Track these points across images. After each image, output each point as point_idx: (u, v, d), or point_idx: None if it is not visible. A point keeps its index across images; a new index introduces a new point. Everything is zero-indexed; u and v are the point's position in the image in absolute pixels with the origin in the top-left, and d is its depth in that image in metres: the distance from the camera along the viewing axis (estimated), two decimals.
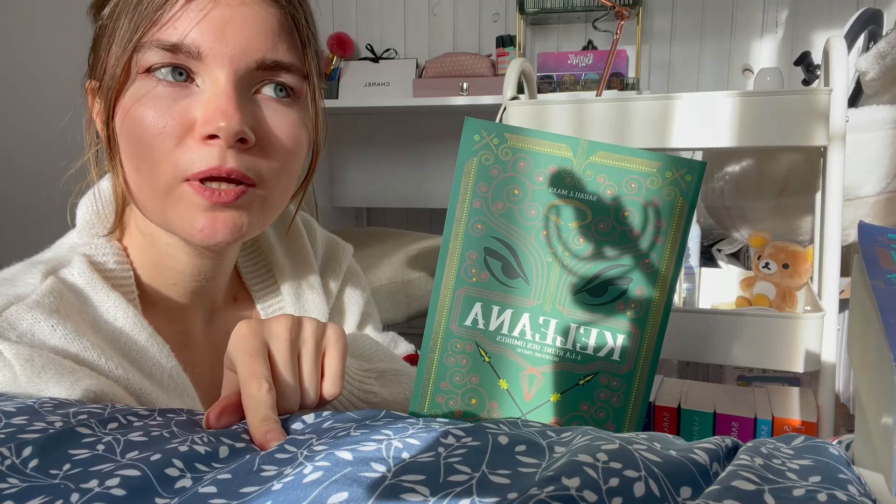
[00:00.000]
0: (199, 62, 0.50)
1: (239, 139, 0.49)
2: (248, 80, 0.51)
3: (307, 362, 0.45)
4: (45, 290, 0.50)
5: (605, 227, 0.46)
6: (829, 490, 0.30)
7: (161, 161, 0.50)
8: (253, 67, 0.51)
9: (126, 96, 0.51)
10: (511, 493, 0.30)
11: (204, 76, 0.50)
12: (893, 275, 0.33)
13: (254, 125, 0.51)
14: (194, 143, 0.50)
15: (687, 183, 0.45)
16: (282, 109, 0.53)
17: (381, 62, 2.56)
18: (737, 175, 1.31)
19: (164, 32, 0.49)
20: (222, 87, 0.50)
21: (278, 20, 0.52)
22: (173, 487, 0.33)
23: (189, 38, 0.49)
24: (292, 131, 0.53)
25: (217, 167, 0.49)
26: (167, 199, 0.51)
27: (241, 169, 0.50)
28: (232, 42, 0.50)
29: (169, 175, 0.50)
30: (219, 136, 0.49)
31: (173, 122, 0.49)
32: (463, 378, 0.48)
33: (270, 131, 0.52)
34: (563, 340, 0.47)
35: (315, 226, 0.75)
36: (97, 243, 0.56)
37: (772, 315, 0.96)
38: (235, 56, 0.50)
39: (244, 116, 0.50)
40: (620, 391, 0.47)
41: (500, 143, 0.46)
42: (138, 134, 0.50)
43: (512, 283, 0.47)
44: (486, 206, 0.47)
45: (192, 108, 0.50)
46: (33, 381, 0.46)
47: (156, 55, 0.49)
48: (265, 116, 0.52)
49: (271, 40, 0.51)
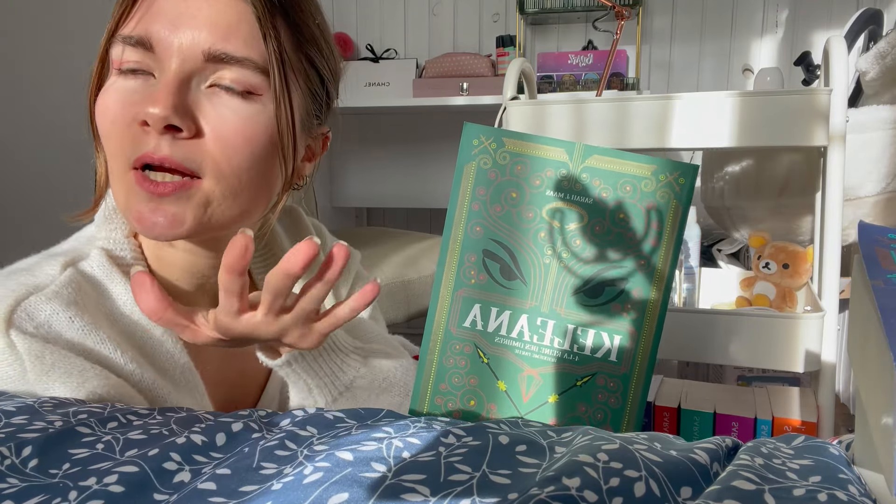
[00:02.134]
0: (153, 54, 0.51)
1: (170, 126, 0.49)
2: (198, 72, 0.51)
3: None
4: (63, 280, 0.51)
5: (602, 230, 0.46)
6: (830, 490, 0.30)
7: (115, 148, 0.51)
8: (200, 59, 0.50)
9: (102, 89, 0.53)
10: (511, 492, 0.30)
11: (158, 69, 0.51)
12: (893, 275, 0.33)
13: (196, 116, 0.51)
14: (137, 131, 0.50)
15: (681, 185, 0.46)
16: (234, 103, 0.52)
17: (381, 62, 2.56)
18: (737, 175, 1.31)
19: (127, 27, 0.51)
20: (165, 76, 0.50)
21: (237, 13, 0.51)
22: (172, 482, 0.33)
23: (143, 30, 0.50)
24: (242, 126, 0.52)
25: (149, 154, 0.50)
26: (120, 186, 0.52)
27: (176, 158, 0.50)
28: (181, 34, 0.50)
29: (120, 162, 0.51)
30: (148, 121, 0.49)
31: (125, 111, 0.50)
32: (462, 379, 0.48)
33: (216, 124, 0.51)
34: (561, 341, 0.47)
35: (325, 231, 0.76)
36: (115, 237, 0.57)
37: (772, 315, 0.96)
38: (183, 46, 0.50)
39: (178, 104, 0.49)
40: (618, 392, 0.47)
41: (498, 148, 0.47)
42: (101, 122, 0.52)
43: (510, 285, 0.47)
44: (485, 208, 0.47)
45: (143, 98, 0.50)
46: (41, 379, 0.47)
47: (119, 49, 0.51)
48: (214, 109, 0.51)
49: (223, 32, 0.51)
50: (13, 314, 0.48)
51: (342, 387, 0.59)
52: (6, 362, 0.47)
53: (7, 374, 0.47)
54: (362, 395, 0.60)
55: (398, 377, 0.62)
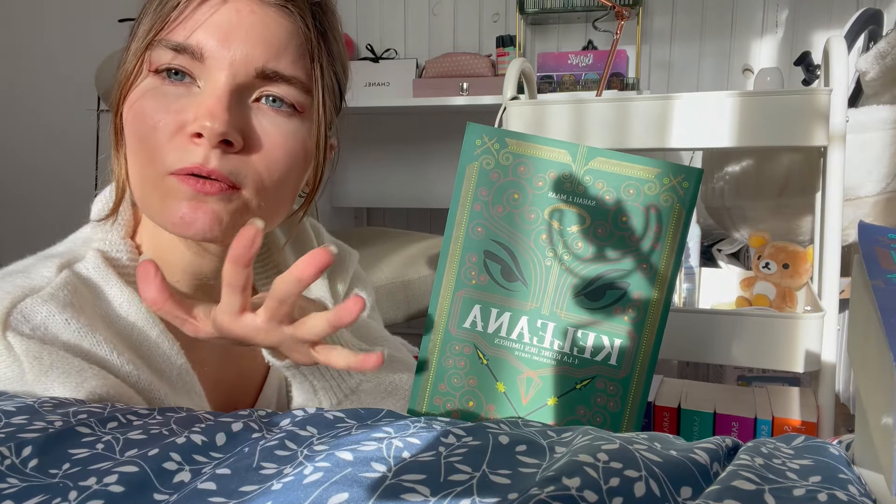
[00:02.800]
0: (202, 64, 0.51)
1: (224, 141, 0.50)
2: (247, 87, 0.52)
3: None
4: (59, 283, 0.51)
5: (604, 232, 0.46)
6: (830, 490, 0.30)
7: (153, 155, 0.51)
8: (252, 75, 0.52)
9: (135, 91, 0.52)
10: (511, 493, 0.30)
11: (205, 78, 0.51)
12: (893, 275, 0.33)
13: (245, 131, 0.52)
14: (183, 140, 0.51)
15: (685, 189, 0.46)
16: (279, 120, 0.53)
17: (381, 62, 2.56)
18: (737, 175, 1.31)
19: (175, 32, 0.51)
20: (217, 89, 0.50)
21: (288, 32, 0.53)
22: (172, 482, 0.33)
23: (194, 39, 0.50)
24: (285, 143, 0.53)
25: (199, 165, 0.50)
26: (154, 191, 0.52)
27: (224, 171, 0.51)
28: (234, 48, 0.51)
29: (158, 168, 0.51)
30: (203, 134, 0.49)
31: (168, 119, 0.51)
32: (461, 380, 0.48)
33: (262, 140, 0.53)
34: (561, 344, 0.47)
35: (323, 231, 0.76)
36: (111, 239, 0.57)
37: (772, 315, 0.96)
38: (236, 61, 0.51)
39: (233, 119, 0.50)
40: (617, 396, 0.47)
41: (501, 148, 0.47)
42: (137, 126, 0.52)
43: (511, 286, 0.47)
44: (487, 209, 0.47)
45: (188, 107, 0.51)
46: (39, 380, 0.47)
47: (164, 54, 0.51)
48: (260, 123, 0.53)
49: (275, 51, 0.52)
50: (9, 316, 0.48)
51: (348, 389, 0.59)
52: (4, 364, 0.47)
53: (5, 375, 0.47)
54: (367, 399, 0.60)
55: (403, 380, 0.62)
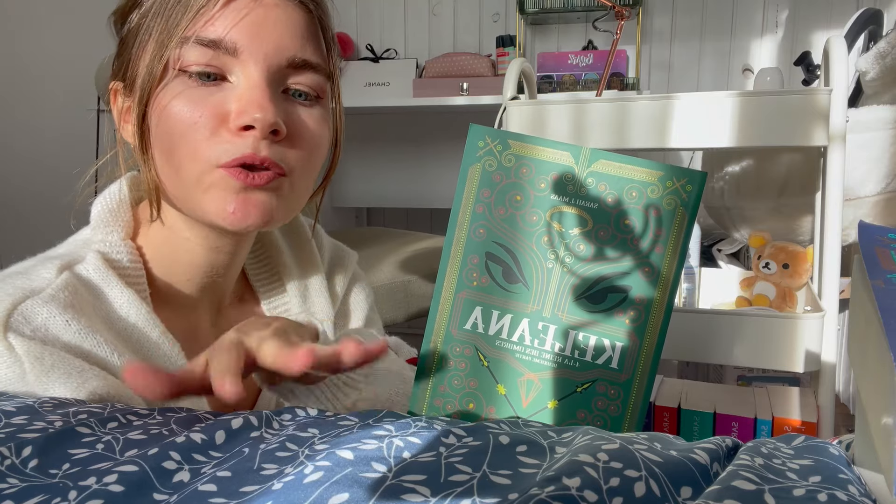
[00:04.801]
0: (235, 59, 0.52)
1: (272, 130, 0.52)
2: (279, 77, 0.54)
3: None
4: (60, 284, 0.51)
5: (606, 235, 0.46)
6: (830, 490, 0.30)
7: (195, 151, 0.52)
8: (284, 65, 0.54)
9: (163, 92, 0.53)
10: (512, 493, 0.30)
11: (238, 72, 0.53)
12: (893, 275, 0.33)
13: (284, 119, 0.54)
14: (228, 134, 0.52)
15: (687, 192, 0.45)
16: (307, 108, 0.56)
17: (381, 62, 2.56)
18: (737, 175, 1.31)
19: (205, 30, 0.52)
20: (256, 81, 0.53)
21: (306, 23, 0.56)
22: (171, 481, 0.33)
23: (228, 35, 0.52)
24: (317, 127, 0.57)
25: (251, 154, 0.52)
26: (198, 186, 0.53)
27: (274, 159, 0.53)
28: (266, 40, 0.53)
29: (202, 164, 0.52)
30: (255, 126, 0.51)
31: (208, 114, 0.52)
32: (461, 382, 0.48)
33: (298, 126, 0.56)
34: (562, 346, 0.47)
35: (321, 232, 0.76)
36: (111, 240, 0.57)
37: (772, 315, 0.96)
38: (269, 54, 0.53)
39: (277, 109, 0.53)
40: (618, 400, 0.46)
41: (504, 150, 0.47)
42: (172, 126, 0.52)
43: (512, 288, 0.47)
44: (489, 211, 0.47)
45: (226, 101, 0.53)
46: (41, 380, 0.47)
47: (195, 51, 0.52)
48: (293, 111, 0.56)
49: (300, 41, 0.55)
50: (10, 318, 0.48)
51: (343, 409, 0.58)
52: (5, 364, 0.47)
53: (6, 376, 0.47)
54: None
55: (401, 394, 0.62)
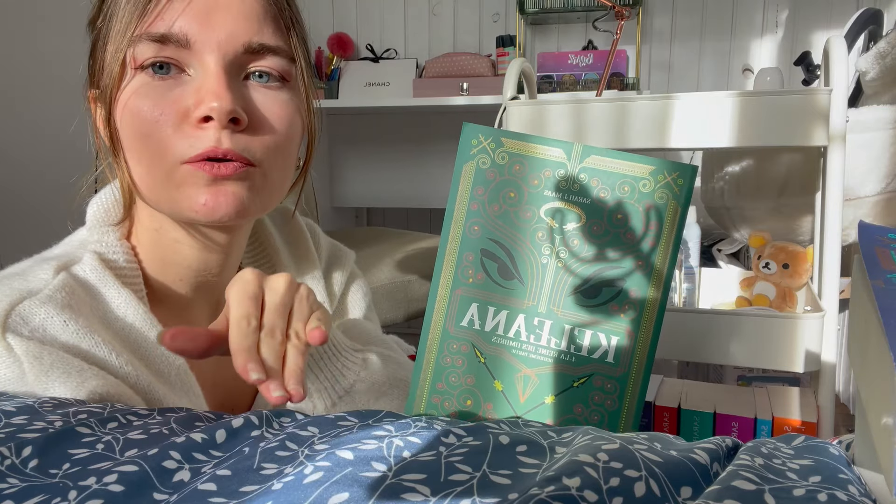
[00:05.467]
0: (188, 50, 0.51)
1: (231, 119, 0.51)
2: (237, 65, 0.53)
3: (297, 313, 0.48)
4: (57, 285, 0.51)
5: (599, 230, 0.46)
6: (830, 490, 0.30)
7: (160, 148, 0.51)
8: (241, 51, 0.52)
9: (123, 92, 0.52)
10: (512, 493, 0.30)
11: (194, 64, 0.52)
12: (893, 275, 0.33)
13: (245, 107, 0.53)
14: (190, 128, 0.51)
15: (679, 186, 0.46)
16: (272, 92, 0.54)
17: (381, 62, 2.56)
18: (737, 175, 1.31)
19: (154, 25, 0.51)
20: (212, 70, 0.51)
21: (261, 5, 0.54)
22: (171, 481, 0.33)
23: (176, 27, 0.51)
24: (283, 112, 0.55)
25: (213, 148, 0.51)
26: (169, 183, 0.52)
27: (237, 150, 0.52)
28: (218, 27, 0.51)
29: (169, 161, 0.51)
30: (212, 116, 0.50)
31: (169, 110, 0.51)
32: (459, 379, 0.48)
33: (261, 113, 0.54)
34: (558, 342, 0.47)
35: (318, 231, 0.76)
36: (108, 241, 0.57)
37: (772, 315, 0.96)
38: (222, 41, 0.51)
39: (235, 97, 0.51)
40: (615, 394, 0.47)
41: (497, 148, 0.47)
42: (137, 125, 0.52)
43: (508, 285, 0.47)
44: (483, 208, 0.47)
45: (185, 95, 0.51)
46: (40, 380, 0.46)
47: (147, 48, 0.51)
48: (255, 98, 0.54)
49: (256, 24, 0.53)
50: (7, 318, 0.48)
51: (342, 391, 0.59)
52: (4, 365, 0.46)
53: (5, 376, 0.46)
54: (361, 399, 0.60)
55: (398, 380, 0.62)
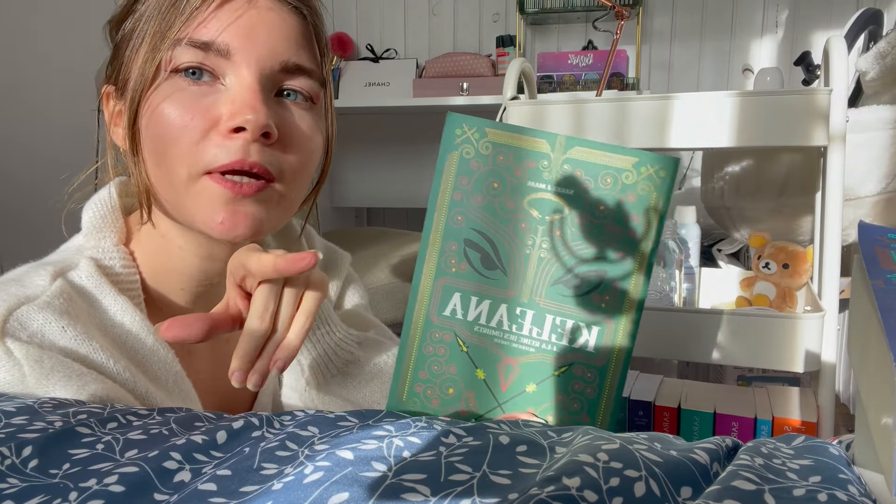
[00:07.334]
0: (228, 61, 0.52)
1: (263, 133, 0.51)
2: (272, 81, 0.54)
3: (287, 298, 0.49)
4: (54, 291, 0.51)
5: (582, 221, 0.47)
6: (830, 490, 0.30)
7: (184, 155, 0.51)
8: (277, 69, 0.53)
9: (154, 94, 0.52)
10: (512, 493, 0.30)
11: (230, 75, 0.52)
12: (893, 275, 0.33)
13: (277, 122, 0.53)
14: (219, 137, 0.51)
15: (661, 178, 0.46)
16: (301, 112, 0.55)
17: (381, 62, 2.56)
18: (737, 175, 1.31)
19: (197, 32, 0.51)
20: (249, 84, 0.52)
21: (300, 29, 0.55)
22: (172, 481, 0.33)
23: (221, 36, 0.51)
24: (310, 132, 0.56)
25: (241, 160, 0.51)
26: (187, 192, 0.52)
27: (264, 163, 0.52)
28: (259, 43, 0.52)
29: (192, 168, 0.51)
30: (246, 128, 0.50)
31: (199, 117, 0.51)
32: (441, 368, 0.48)
33: (290, 130, 0.54)
34: (539, 331, 0.47)
35: (314, 234, 0.76)
36: (104, 247, 0.57)
37: (772, 315, 0.96)
38: (262, 57, 0.52)
39: (271, 112, 0.52)
40: (594, 383, 0.47)
41: (481, 138, 0.47)
42: (164, 129, 0.52)
43: (490, 275, 0.48)
44: (467, 198, 0.47)
45: (217, 104, 0.52)
46: (41, 383, 0.46)
47: (187, 52, 0.51)
48: (284, 116, 0.55)
49: (294, 46, 0.54)
50: (6, 324, 0.48)
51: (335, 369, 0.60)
52: (4, 368, 0.46)
53: (6, 380, 0.46)
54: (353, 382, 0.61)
55: (389, 364, 0.63)
